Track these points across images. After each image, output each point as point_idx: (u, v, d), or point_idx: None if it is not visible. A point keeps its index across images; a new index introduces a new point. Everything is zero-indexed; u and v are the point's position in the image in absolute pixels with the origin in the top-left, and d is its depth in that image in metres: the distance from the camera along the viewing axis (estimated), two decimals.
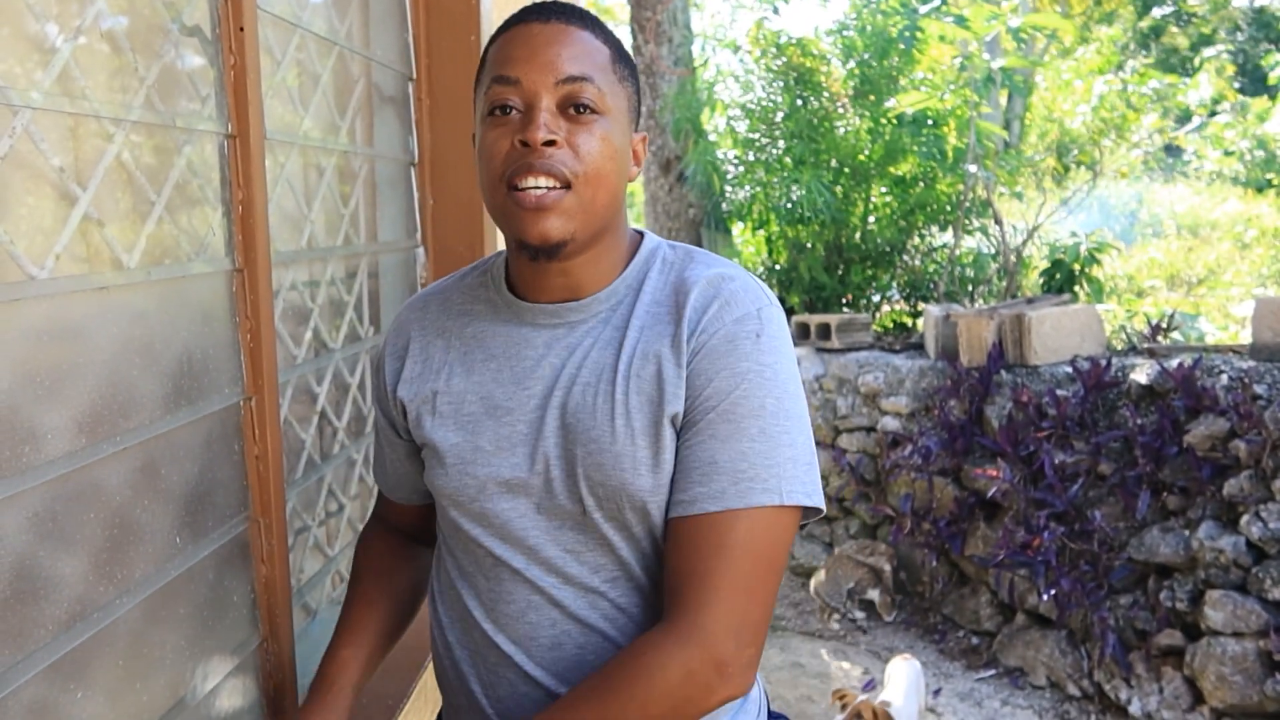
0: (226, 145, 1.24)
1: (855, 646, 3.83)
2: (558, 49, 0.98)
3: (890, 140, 5.16)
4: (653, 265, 1.06)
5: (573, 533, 1.01)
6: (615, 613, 1.02)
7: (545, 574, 1.02)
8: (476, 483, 1.03)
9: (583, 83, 0.98)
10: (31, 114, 0.91)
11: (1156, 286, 6.84)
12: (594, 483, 0.98)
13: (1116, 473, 3.24)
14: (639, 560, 1.01)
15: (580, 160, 0.97)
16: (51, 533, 0.92)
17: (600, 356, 1.01)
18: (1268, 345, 3.22)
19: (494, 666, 1.05)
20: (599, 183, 0.98)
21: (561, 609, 1.02)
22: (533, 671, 1.03)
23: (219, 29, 1.22)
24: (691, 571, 0.94)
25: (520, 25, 1.01)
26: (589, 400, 0.99)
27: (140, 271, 1.07)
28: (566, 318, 1.04)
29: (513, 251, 1.06)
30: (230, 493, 1.24)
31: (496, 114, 0.99)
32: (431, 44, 1.98)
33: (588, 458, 0.98)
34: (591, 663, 1.02)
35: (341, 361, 1.71)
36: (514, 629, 1.03)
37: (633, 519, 0.99)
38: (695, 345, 0.97)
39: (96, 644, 0.97)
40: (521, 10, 1.03)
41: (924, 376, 4.10)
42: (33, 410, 0.91)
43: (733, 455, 0.95)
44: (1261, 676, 2.80)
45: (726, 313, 0.98)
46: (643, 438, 0.97)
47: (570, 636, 1.02)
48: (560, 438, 1.00)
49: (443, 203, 2.02)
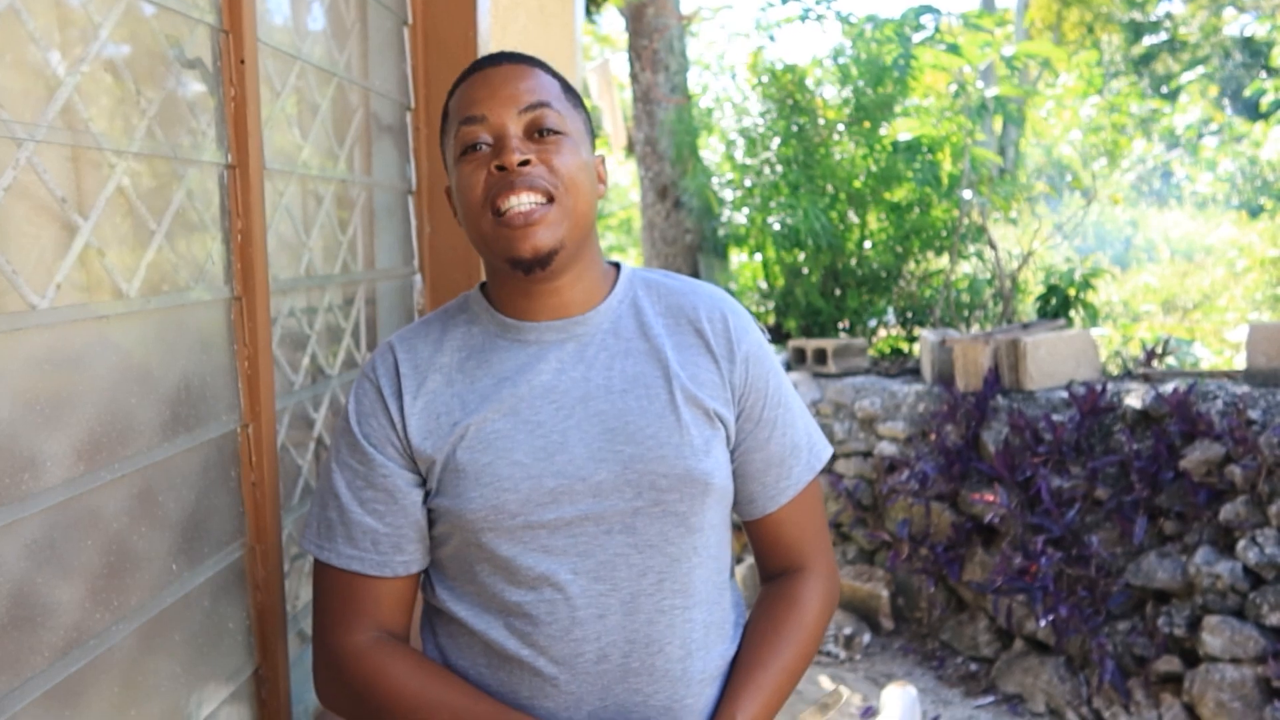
0: (226, 176, 1.25)
1: (854, 673, 3.81)
2: (515, 84, 1.07)
3: (885, 166, 5.20)
4: (636, 286, 1.15)
5: (621, 535, 1.04)
6: (658, 615, 1.04)
7: (592, 583, 1.03)
8: (518, 497, 1.02)
9: (543, 108, 1.06)
10: (35, 145, 0.93)
11: (1151, 311, 6.87)
12: (656, 475, 1.03)
13: (1113, 498, 3.24)
14: (689, 555, 1.06)
15: (556, 173, 1.04)
16: (49, 559, 0.92)
17: (629, 365, 1.08)
18: (1262, 370, 3.23)
19: (529, 699, 1.04)
20: (577, 192, 1.05)
21: (607, 619, 1.03)
22: (576, 689, 1.03)
23: (219, 62, 1.24)
24: (804, 531, 1.17)
25: (475, 74, 1.10)
26: (633, 404, 1.05)
27: (140, 300, 1.08)
28: (572, 332, 1.09)
29: (502, 275, 1.10)
30: (226, 519, 1.25)
31: (469, 153, 1.06)
32: (429, 74, 2.00)
33: (647, 454, 1.03)
34: (637, 669, 1.03)
35: (339, 388, 1.71)
36: (557, 649, 1.03)
37: (689, 507, 1.05)
38: (743, 354, 1.12)
39: (92, 671, 0.97)
40: (477, 61, 1.12)
41: (920, 401, 4.11)
42: (32, 438, 0.91)
43: (799, 434, 1.16)
44: (1260, 703, 2.79)
45: (744, 321, 1.15)
46: (694, 429, 1.06)
47: (616, 647, 1.03)
48: (605, 441, 1.04)
49: (440, 230, 2.04)
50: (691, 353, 1.10)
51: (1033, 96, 6.11)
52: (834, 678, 3.78)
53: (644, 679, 1.04)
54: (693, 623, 1.07)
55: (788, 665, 1.10)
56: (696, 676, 1.07)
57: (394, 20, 1.93)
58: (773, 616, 1.13)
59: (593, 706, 1.03)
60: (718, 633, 1.11)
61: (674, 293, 1.15)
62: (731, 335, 1.12)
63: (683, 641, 1.06)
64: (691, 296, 1.14)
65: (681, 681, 1.06)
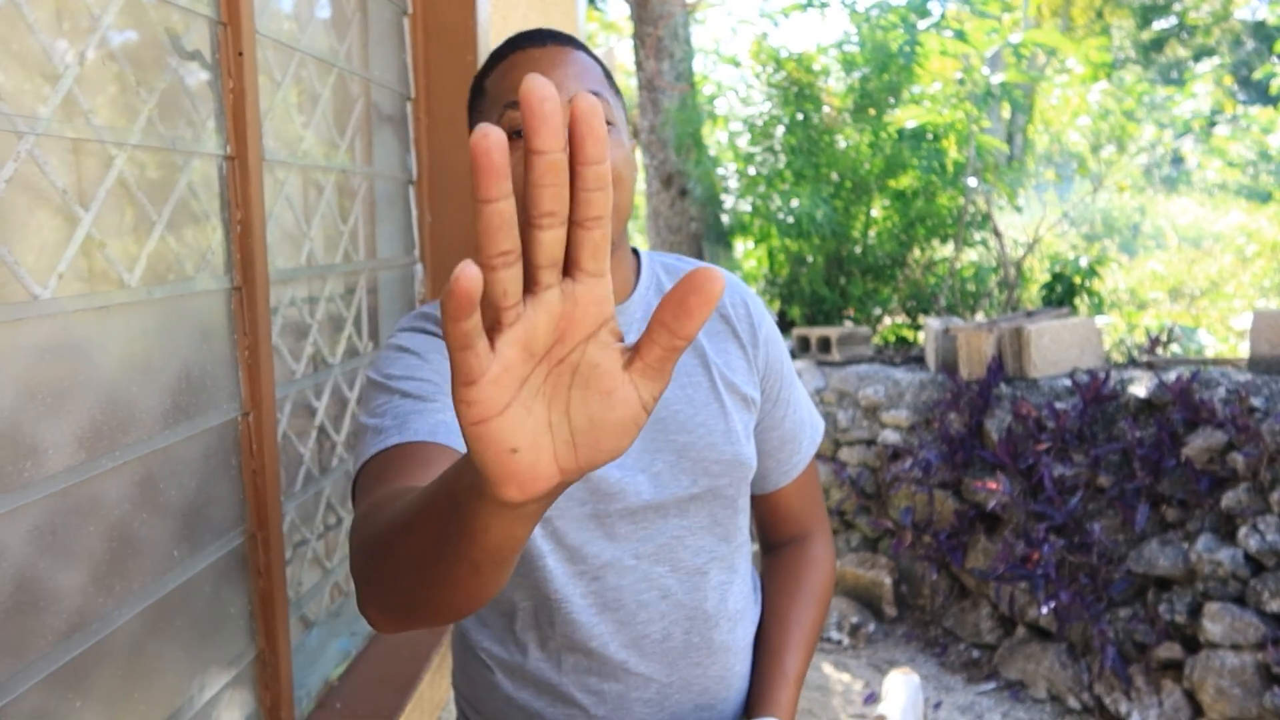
0: (226, 167, 1.26)
1: (856, 659, 3.83)
2: (564, 69, 1.01)
3: (890, 154, 5.19)
4: (659, 273, 1.15)
5: (677, 519, 1.06)
6: (711, 591, 1.08)
7: (653, 565, 1.05)
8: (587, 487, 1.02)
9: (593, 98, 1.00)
10: (36, 137, 0.94)
11: (1158, 299, 6.84)
12: (709, 461, 1.06)
13: (1115, 485, 3.24)
14: (735, 534, 1.10)
15: None
16: (52, 546, 0.94)
17: None
18: (1265, 358, 3.23)
19: (596, 686, 1.05)
20: (622, 188, 1.03)
21: (669, 599, 1.06)
22: (645, 669, 1.06)
23: (219, 54, 1.25)
24: (809, 502, 1.23)
25: (519, 52, 1.03)
26: (679, 393, 1.07)
27: (141, 290, 1.10)
28: None
29: None
30: (228, 507, 1.27)
31: (513, 139, 0.99)
32: (430, 64, 2.01)
33: (698, 442, 1.05)
34: (697, 644, 1.07)
35: (340, 376, 1.73)
36: (626, 633, 1.05)
37: (736, 490, 1.09)
38: (763, 337, 1.14)
39: (95, 655, 0.99)
40: (514, 38, 1.06)
41: (924, 390, 4.12)
42: (34, 426, 0.93)
43: (804, 411, 1.20)
44: (1260, 689, 2.80)
45: (760, 305, 1.17)
46: (735, 415, 1.09)
47: (678, 624, 1.07)
48: (659, 431, 1.05)
49: (441, 220, 2.05)
50: (720, 339, 1.12)
51: (1040, 83, 6.08)
52: (837, 664, 3.80)
53: (703, 653, 1.08)
54: (735, 595, 1.12)
55: (816, 620, 1.18)
56: (740, 644, 1.12)
57: (394, 10, 1.94)
58: (797, 578, 1.20)
59: (660, 684, 1.07)
60: (751, 600, 1.17)
61: None
62: (753, 319, 1.14)
63: (730, 614, 1.11)
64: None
65: (731, 651, 1.11)
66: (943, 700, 3.44)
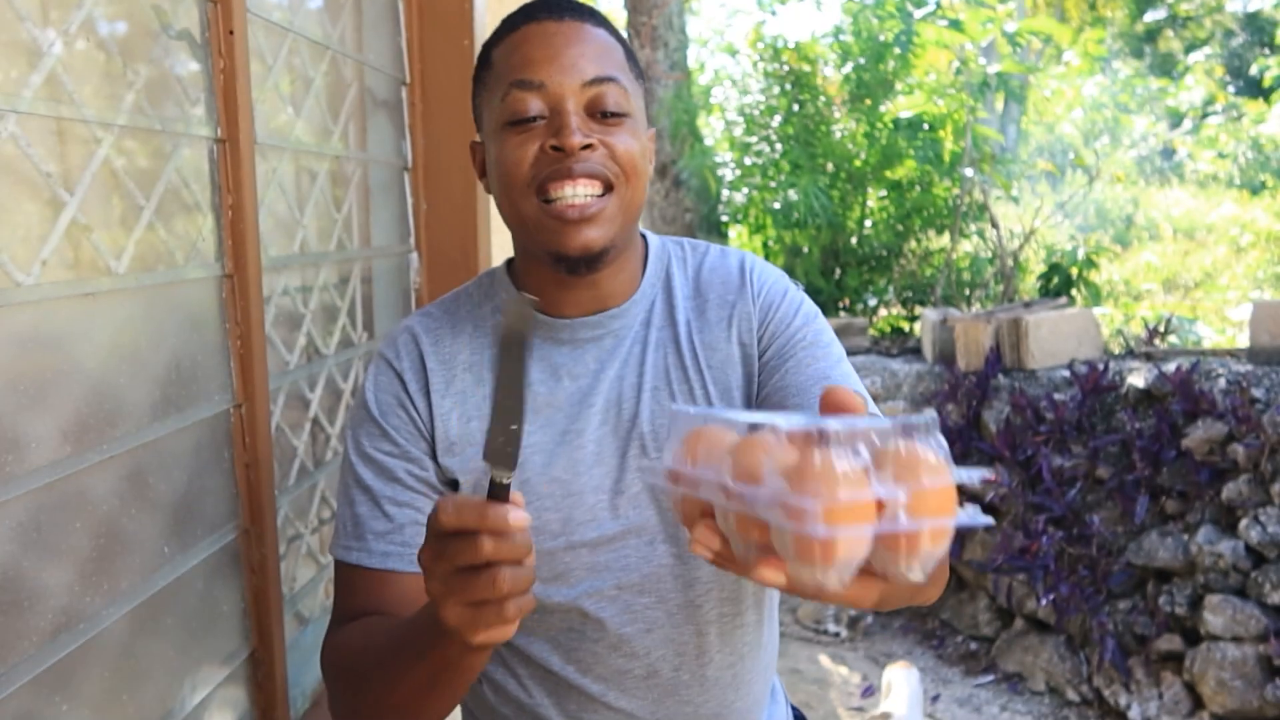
0: (216, 150, 1.23)
1: (854, 652, 3.81)
2: (580, 49, 0.93)
3: (886, 144, 5.16)
4: (670, 263, 1.05)
5: (664, 545, 0.97)
6: (707, 625, 0.99)
7: (637, 596, 0.97)
8: (559, 516, 0.96)
9: (609, 84, 0.93)
10: (18, 118, 0.90)
11: (1153, 290, 6.84)
12: None
13: (1114, 477, 3.23)
14: None
15: (617, 160, 0.93)
16: (37, 542, 0.90)
17: (659, 358, 1.00)
18: (1265, 348, 3.21)
19: (575, 713, 1.00)
20: (637, 180, 0.95)
21: (654, 633, 0.98)
22: (625, 705, 0.99)
23: (208, 33, 1.21)
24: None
25: (532, 24, 0.95)
26: (665, 403, 0.97)
27: (129, 277, 1.06)
28: (609, 328, 1.00)
29: (536, 265, 0.98)
30: (220, 501, 1.23)
31: (519, 124, 0.92)
32: (425, 48, 1.97)
33: None
34: (686, 681, 0.98)
35: (334, 367, 1.69)
36: (602, 667, 0.98)
37: None
38: (764, 302, 1.02)
39: (83, 655, 0.95)
40: (528, 6, 0.97)
41: (921, 381, 4.10)
42: (18, 418, 0.89)
43: (838, 375, 0.99)
44: (1261, 681, 2.79)
45: (767, 272, 1.05)
46: None
47: (665, 661, 0.98)
48: (638, 450, 0.96)
49: (436, 207, 2.01)
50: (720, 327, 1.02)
51: (1035, 74, 6.06)
52: (834, 657, 3.78)
53: (694, 690, 1.00)
54: (745, 626, 1.02)
55: None
56: (744, 679, 1.03)
57: None
58: None
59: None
60: (768, 628, 1.07)
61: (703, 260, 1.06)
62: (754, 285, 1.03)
63: (734, 648, 1.01)
64: (720, 270, 1.05)
65: (731, 687, 1.01)
66: (940, 693, 3.43)
